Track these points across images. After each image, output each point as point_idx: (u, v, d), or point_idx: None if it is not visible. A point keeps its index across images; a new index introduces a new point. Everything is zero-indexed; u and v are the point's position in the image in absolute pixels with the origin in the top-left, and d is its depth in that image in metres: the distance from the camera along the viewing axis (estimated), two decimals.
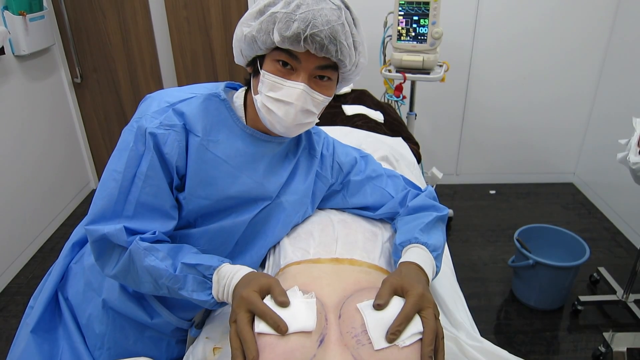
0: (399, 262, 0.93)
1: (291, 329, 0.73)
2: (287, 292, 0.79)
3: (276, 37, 0.84)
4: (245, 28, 0.90)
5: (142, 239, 0.86)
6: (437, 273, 0.97)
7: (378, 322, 0.75)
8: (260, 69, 0.91)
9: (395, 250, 0.99)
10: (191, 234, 0.96)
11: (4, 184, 2.44)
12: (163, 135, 0.88)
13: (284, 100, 0.89)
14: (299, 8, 0.83)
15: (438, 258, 0.98)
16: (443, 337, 0.77)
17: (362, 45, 0.92)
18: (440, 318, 0.99)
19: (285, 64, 0.88)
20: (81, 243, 1.10)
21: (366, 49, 0.94)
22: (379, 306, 0.77)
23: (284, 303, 0.76)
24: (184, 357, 0.98)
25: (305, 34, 0.82)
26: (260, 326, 0.74)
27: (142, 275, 0.87)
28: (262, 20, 0.86)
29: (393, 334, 0.73)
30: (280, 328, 0.72)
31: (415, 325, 0.75)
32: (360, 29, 0.92)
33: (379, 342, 0.73)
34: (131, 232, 0.86)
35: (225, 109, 0.95)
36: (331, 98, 0.95)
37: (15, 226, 2.53)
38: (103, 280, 0.99)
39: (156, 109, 0.90)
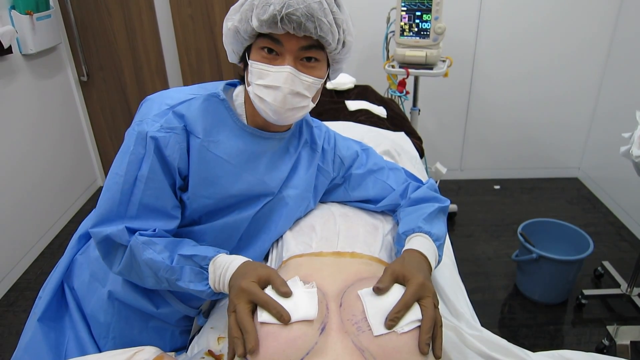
0: (403, 249, 0.94)
1: (294, 318, 0.74)
2: (288, 282, 0.81)
3: (254, 23, 0.86)
4: (229, 22, 0.92)
5: (141, 234, 0.88)
6: (439, 262, 0.99)
7: (378, 309, 0.76)
8: (248, 59, 0.92)
9: (399, 239, 1.00)
10: (196, 230, 0.98)
11: (12, 181, 2.47)
12: (164, 138, 0.89)
13: (272, 85, 0.89)
14: None
15: (440, 247, 0.99)
16: (441, 325, 0.79)
17: (346, 23, 0.91)
18: (441, 308, 1.01)
19: (270, 50, 0.89)
20: (87, 235, 1.12)
21: (352, 28, 0.93)
22: (378, 290, 0.78)
23: (286, 293, 0.78)
24: (189, 347, 1.00)
25: (281, 14, 0.83)
26: (263, 316, 0.75)
27: (143, 270, 0.89)
28: (242, 10, 0.88)
29: (392, 320, 0.74)
30: (283, 317, 0.74)
31: (415, 313, 0.76)
32: (344, 8, 0.91)
33: (378, 328, 0.74)
34: (133, 231, 0.88)
35: (225, 108, 0.97)
36: (323, 80, 0.95)
37: (24, 223, 2.56)
38: (108, 272, 1.00)
39: (156, 112, 0.91)
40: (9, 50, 2.38)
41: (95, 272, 1.03)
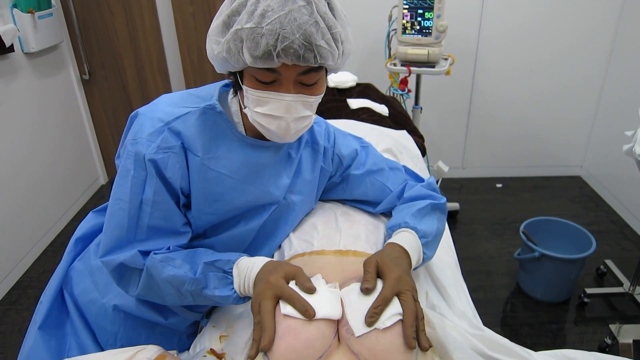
0: (386, 242, 0.93)
1: (318, 315, 0.74)
2: (312, 280, 0.81)
3: (247, 58, 0.78)
4: (214, 45, 0.83)
5: (156, 253, 0.86)
6: (424, 260, 0.97)
7: (357, 309, 0.75)
8: (242, 83, 0.85)
9: (388, 235, 1.00)
10: (203, 244, 0.96)
11: (14, 179, 2.47)
12: (163, 159, 0.85)
13: (274, 115, 0.83)
14: (264, 18, 0.75)
15: (427, 245, 0.97)
16: (423, 318, 0.78)
17: (344, 33, 0.83)
18: (443, 307, 1.01)
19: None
20: (84, 238, 1.10)
21: (350, 33, 0.86)
22: (367, 290, 0.77)
23: (310, 289, 0.77)
24: (191, 346, 1.00)
25: (277, 49, 0.75)
26: (287, 308, 0.74)
27: (164, 288, 0.87)
28: (228, 40, 0.79)
29: (371, 316, 0.73)
30: (308, 312, 0.73)
31: (394, 307, 0.75)
32: (339, 12, 0.83)
33: (359, 328, 0.73)
34: (146, 253, 0.86)
35: (223, 121, 0.91)
36: (324, 93, 0.90)
37: (27, 221, 2.57)
38: (109, 283, 0.98)
39: (151, 131, 0.86)
40: (11, 48, 2.38)
41: (97, 283, 1.01)
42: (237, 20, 0.78)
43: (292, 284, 0.78)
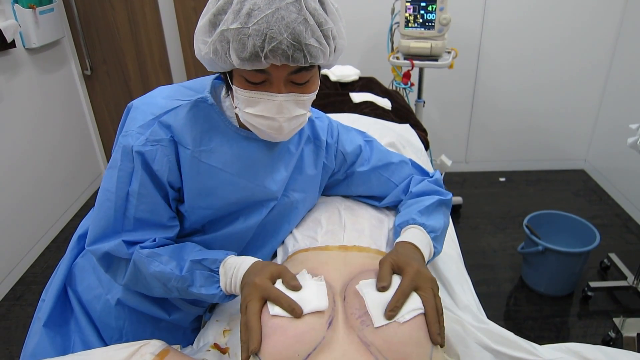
0: (395, 241, 0.93)
1: (305, 311, 0.74)
2: (297, 276, 0.81)
3: (234, 60, 0.76)
4: (201, 45, 0.81)
5: (143, 247, 0.86)
6: (435, 254, 0.98)
7: (378, 301, 0.76)
8: (231, 83, 0.84)
9: (395, 232, 1.00)
10: (202, 240, 0.96)
11: (17, 176, 2.48)
12: (150, 152, 0.85)
13: (265, 116, 0.82)
14: (250, 17, 0.72)
15: (436, 239, 0.98)
16: (442, 313, 0.78)
17: (335, 29, 0.79)
18: (447, 300, 1.01)
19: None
20: (86, 235, 1.10)
21: (342, 28, 0.82)
22: (383, 288, 0.77)
23: (295, 287, 0.77)
24: (195, 340, 1.00)
25: (265, 50, 0.72)
26: (275, 309, 0.75)
27: (150, 282, 0.87)
28: (214, 41, 0.77)
29: (392, 310, 0.73)
30: (295, 311, 0.73)
31: (414, 302, 0.76)
32: (330, 6, 0.79)
33: (379, 319, 0.74)
34: (131, 243, 0.87)
35: (215, 113, 0.90)
36: (317, 90, 0.88)
37: (30, 217, 2.57)
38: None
39: (141, 124, 0.86)
40: (12, 44, 2.37)
41: (101, 279, 1.01)
42: (223, 20, 0.76)
43: (278, 284, 0.79)
